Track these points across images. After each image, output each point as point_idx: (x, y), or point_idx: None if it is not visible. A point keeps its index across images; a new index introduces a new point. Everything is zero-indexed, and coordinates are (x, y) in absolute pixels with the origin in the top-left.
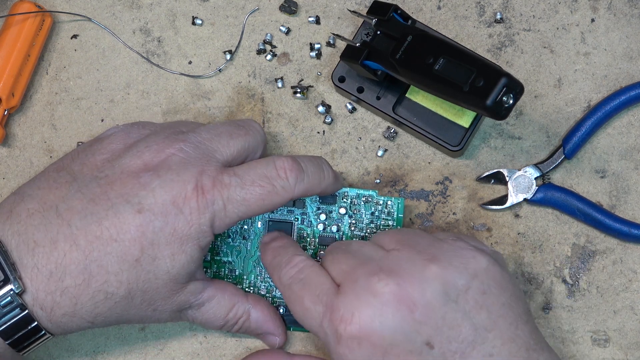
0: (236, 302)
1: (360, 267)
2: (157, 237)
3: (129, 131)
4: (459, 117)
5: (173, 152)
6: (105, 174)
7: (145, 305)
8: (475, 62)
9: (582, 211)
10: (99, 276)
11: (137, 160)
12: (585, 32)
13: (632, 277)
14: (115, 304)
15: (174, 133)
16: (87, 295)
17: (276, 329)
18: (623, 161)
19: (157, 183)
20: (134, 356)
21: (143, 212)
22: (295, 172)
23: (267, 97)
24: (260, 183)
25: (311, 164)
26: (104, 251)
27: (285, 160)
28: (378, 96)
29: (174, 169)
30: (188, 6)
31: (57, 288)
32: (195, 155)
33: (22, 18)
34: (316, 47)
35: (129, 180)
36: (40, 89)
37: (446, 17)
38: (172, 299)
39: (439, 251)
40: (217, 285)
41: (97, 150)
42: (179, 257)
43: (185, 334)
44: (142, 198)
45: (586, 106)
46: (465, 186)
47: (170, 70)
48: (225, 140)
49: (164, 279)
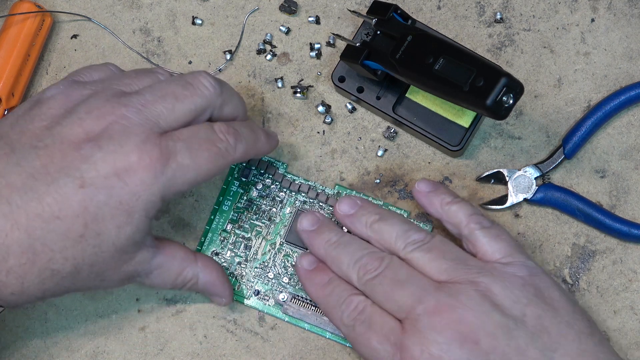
0: (185, 266)
1: (419, 304)
2: (101, 211)
3: (69, 93)
4: (459, 117)
5: (115, 119)
6: (45, 143)
7: (93, 276)
8: (475, 62)
9: (582, 211)
10: (43, 254)
11: (78, 129)
12: (585, 32)
13: (632, 277)
14: (62, 279)
15: (115, 95)
16: (33, 274)
17: (223, 292)
18: (623, 161)
19: (99, 155)
20: (134, 356)
21: (85, 186)
22: (232, 134)
23: (267, 97)
24: (205, 146)
25: (244, 127)
26: (47, 229)
27: (221, 124)
28: (378, 96)
29: (115, 139)
30: (188, 6)
31: (1, 269)
32: (138, 122)
33: (22, 18)
34: (316, 47)
35: (69, 152)
36: (40, 89)
37: (446, 17)
38: (120, 270)
39: (491, 281)
40: (167, 251)
41: (35, 116)
42: (124, 228)
43: (185, 334)
44: (84, 172)
45: (586, 106)
46: (465, 186)
47: (170, 71)
48: (170, 104)
49: (110, 251)
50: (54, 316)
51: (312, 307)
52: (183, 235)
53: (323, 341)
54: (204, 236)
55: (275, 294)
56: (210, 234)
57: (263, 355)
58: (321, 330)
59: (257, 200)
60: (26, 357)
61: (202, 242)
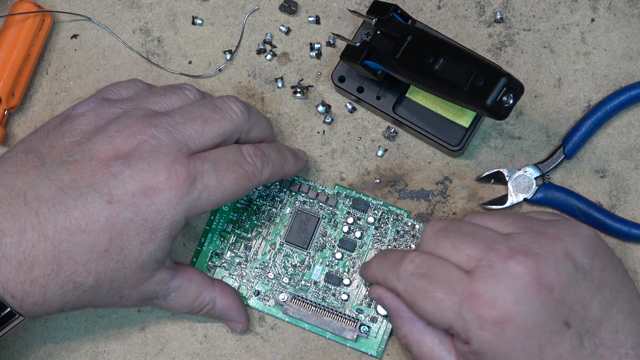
0: (202, 291)
1: (490, 251)
2: (126, 227)
3: (100, 111)
4: (459, 117)
5: (145, 139)
6: (75, 158)
7: (113, 293)
8: (475, 62)
9: (582, 211)
10: (68, 267)
11: (108, 146)
12: (585, 32)
13: (632, 277)
14: (83, 292)
15: (146, 114)
16: (56, 285)
17: (239, 317)
18: (623, 161)
19: (128, 173)
20: (134, 356)
21: (113, 202)
22: (260, 157)
23: (267, 97)
24: (233, 168)
25: (272, 150)
26: (73, 242)
27: (249, 146)
28: (378, 96)
29: (145, 158)
30: (188, 6)
31: (26, 278)
32: (167, 142)
33: (22, 18)
34: (316, 47)
35: (99, 169)
36: (40, 89)
37: (446, 17)
38: (140, 288)
39: (559, 230)
40: (185, 274)
41: (66, 132)
42: (148, 245)
43: (185, 334)
44: (112, 188)
45: (586, 106)
46: (465, 186)
47: (170, 70)
48: (199, 126)
49: (132, 267)
50: (54, 316)
51: (312, 307)
52: (183, 235)
53: (323, 341)
54: (203, 236)
55: (276, 294)
56: (210, 234)
57: (263, 355)
58: (321, 330)
59: (257, 200)
60: (26, 357)
61: (202, 243)
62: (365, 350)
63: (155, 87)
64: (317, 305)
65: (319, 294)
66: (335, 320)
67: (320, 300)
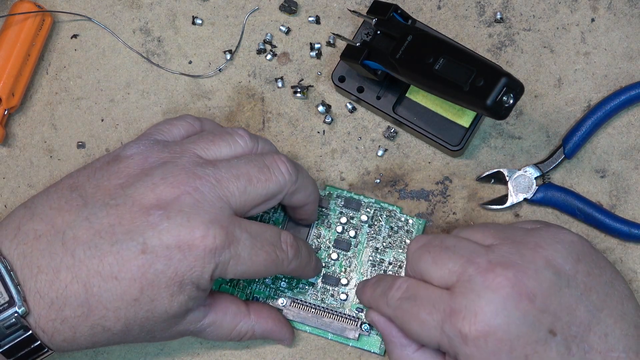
0: (238, 322)
1: (469, 265)
2: (157, 278)
3: (148, 154)
4: (459, 117)
5: (187, 191)
6: (117, 202)
7: (143, 334)
8: (475, 62)
9: (582, 211)
10: (97, 311)
11: (150, 194)
12: (585, 32)
13: (632, 277)
14: (112, 335)
15: (193, 163)
16: (85, 326)
17: (283, 335)
18: (623, 161)
19: (166, 225)
20: (133, 356)
21: (147, 252)
22: (295, 249)
23: (267, 96)
24: (267, 249)
25: (305, 248)
26: (104, 287)
27: (288, 235)
28: (378, 96)
29: (185, 212)
30: (188, 6)
31: (57, 316)
32: (209, 198)
33: (22, 18)
34: (316, 47)
35: (138, 216)
36: (40, 89)
37: (446, 17)
38: (171, 329)
39: (539, 239)
40: (219, 307)
41: (113, 173)
42: (177, 297)
43: None
44: (148, 238)
45: (586, 106)
46: (465, 186)
47: (171, 70)
48: (243, 185)
49: (162, 316)
50: None
51: (312, 309)
52: None
53: (323, 341)
54: None
55: (275, 299)
56: None
57: (263, 355)
58: (323, 332)
59: None
60: None
61: None
62: (368, 349)
63: (207, 122)
64: (316, 307)
65: (317, 296)
66: (336, 320)
67: (320, 301)
